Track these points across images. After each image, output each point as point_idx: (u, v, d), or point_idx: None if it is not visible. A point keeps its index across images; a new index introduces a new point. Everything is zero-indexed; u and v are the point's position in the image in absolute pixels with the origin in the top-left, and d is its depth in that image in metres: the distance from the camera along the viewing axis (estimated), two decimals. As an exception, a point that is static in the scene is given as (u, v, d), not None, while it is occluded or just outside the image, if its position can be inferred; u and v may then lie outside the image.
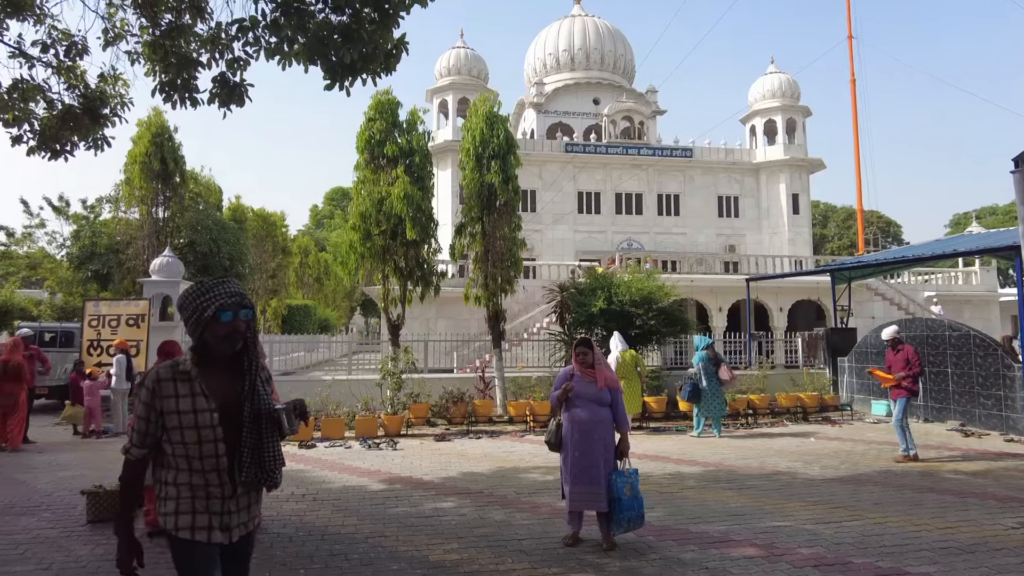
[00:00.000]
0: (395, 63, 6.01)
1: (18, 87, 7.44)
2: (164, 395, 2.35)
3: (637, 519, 4.98)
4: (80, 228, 23.57)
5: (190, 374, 2.39)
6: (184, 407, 2.34)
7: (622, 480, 4.98)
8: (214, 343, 2.39)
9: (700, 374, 10.81)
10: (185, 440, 2.34)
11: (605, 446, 5.10)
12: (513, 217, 13.34)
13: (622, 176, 35.63)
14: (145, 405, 2.36)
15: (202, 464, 2.36)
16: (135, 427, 2.38)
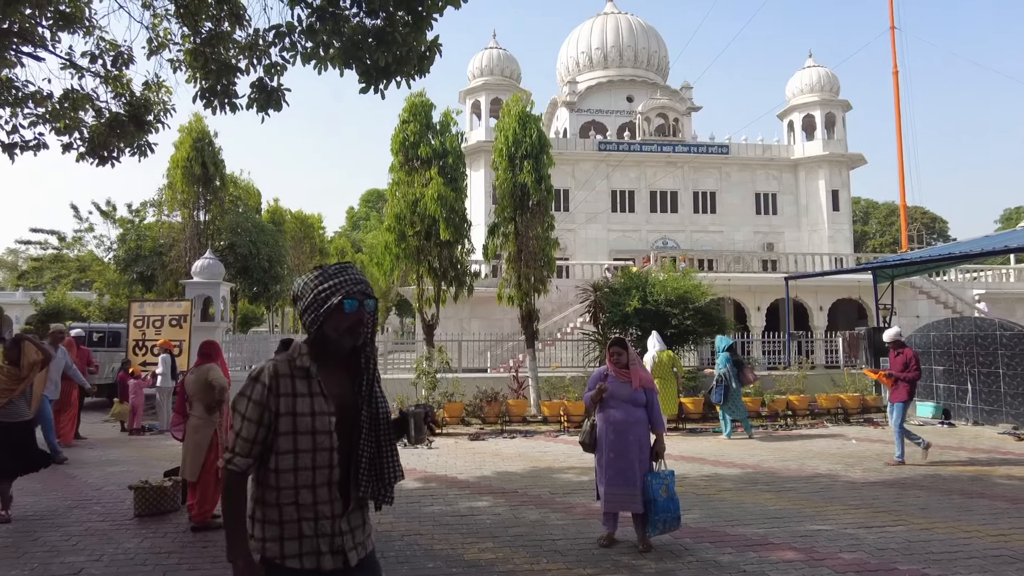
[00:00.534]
0: (428, 65, 6.06)
1: (69, 97, 7.72)
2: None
3: (673, 521, 4.92)
4: (126, 231, 24.33)
5: (309, 371, 2.07)
6: (302, 408, 2.02)
7: (658, 481, 4.93)
8: (335, 337, 2.07)
9: (729, 375, 10.70)
10: (298, 448, 2.01)
11: (640, 447, 5.06)
12: (546, 217, 13.32)
13: (657, 174, 35.25)
14: (256, 404, 2.01)
15: (313, 477, 2.02)
16: (239, 432, 2.02)
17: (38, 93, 7.70)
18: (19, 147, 7.70)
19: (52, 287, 38.25)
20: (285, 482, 2.01)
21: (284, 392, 2.03)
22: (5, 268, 58.87)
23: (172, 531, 5.60)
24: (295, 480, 2.01)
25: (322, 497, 2.04)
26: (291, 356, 2.09)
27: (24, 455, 6.08)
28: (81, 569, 4.68)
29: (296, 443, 2.01)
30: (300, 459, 2.02)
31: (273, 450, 2.02)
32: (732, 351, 11.03)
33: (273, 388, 2.02)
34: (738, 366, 10.83)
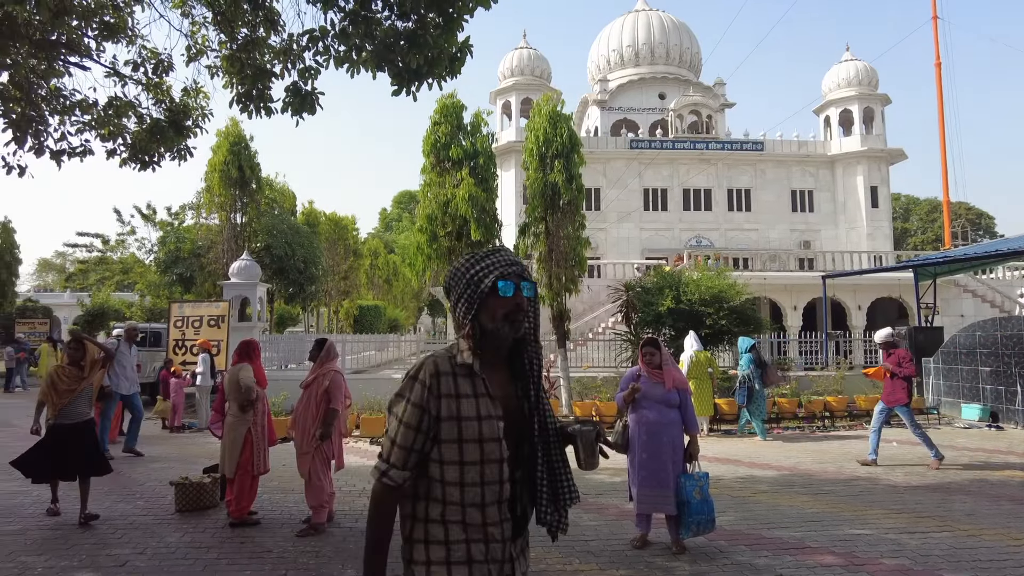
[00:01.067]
0: (460, 66, 6.08)
1: (112, 104, 7.95)
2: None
3: (707, 523, 4.86)
4: (166, 234, 25.00)
5: (472, 368, 1.80)
6: (467, 411, 1.76)
7: (691, 483, 4.87)
8: (493, 325, 1.81)
9: (752, 376, 10.58)
10: (464, 459, 1.74)
11: (673, 448, 5.01)
12: (577, 216, 13.27)
13: (690, 171, 34.85)
14: (415, 408, 1.75)
15: (482, 494, 1.74)
16: (395, 439, 1.76)
17: (84, 101, 7.96)
18: (66, 153, 7.96)
19: (97, 289, 39.54)
20: (451, 496, 1.74)
21: (446, 393, 1.76)
22: (54, 270, 60.99)
23: (211, 526, 5.73)
24: (461, 496, 1.74)
25: (492, 517, 1.76)
26: (450, 352, 1.85)
27: (82, 459, 5.93)
28: (126, 561, 4.82)
29: (462, 453, 1.74)
30: (467, 472, 1.74)
31: (436, 459, 1.76)
32: (755, 352, 10.88)
33: (433, 388, 1.76)
34: (761, 367, 10.70)
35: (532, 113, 13.94)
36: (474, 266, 1.85)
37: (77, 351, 6.10)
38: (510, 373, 1.90)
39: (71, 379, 5.99)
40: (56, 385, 5.94)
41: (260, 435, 5.89)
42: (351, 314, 32.47)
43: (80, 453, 5.93)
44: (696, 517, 4.82)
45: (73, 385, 5.99)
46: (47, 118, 7.88)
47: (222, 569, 4.68)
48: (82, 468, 5.92)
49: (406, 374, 1.84)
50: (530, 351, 1.90)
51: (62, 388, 5.94)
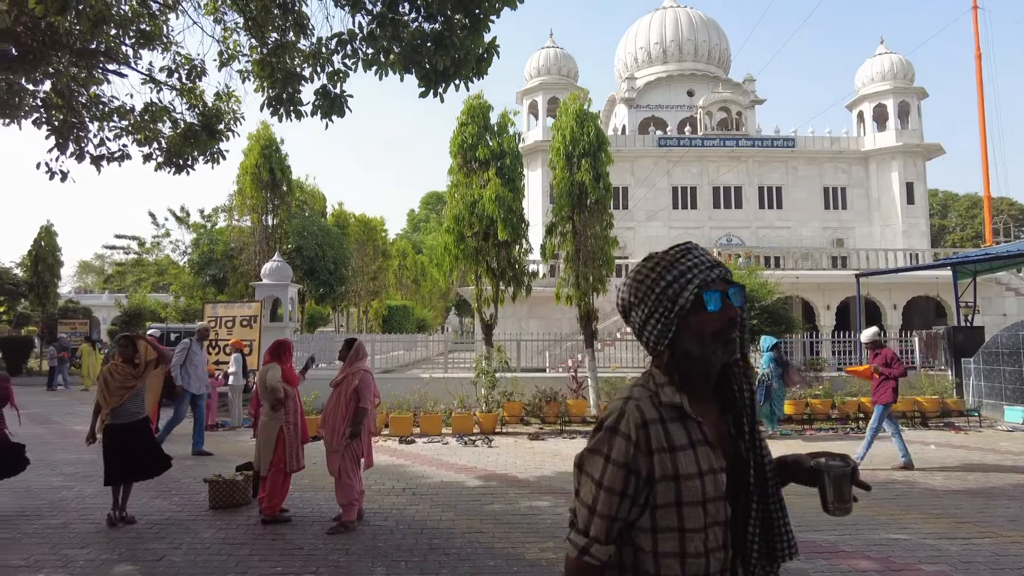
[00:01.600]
0: (486, 67, 6.10)
1: (148, 109, 8.17)
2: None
3: None
4: (199, 236, 25.53)
5: (683, 409, 1.44)
6: (686, 467, 1.40)
7: None
8: (699, 351, 1.46)
9: (772, 375, 10.48)
10: (685, 525, 1.40)
11: None
12: (605, 215, 13.20)
13: (720, 169, 34.42)
14: (619, 468, 1.39)
15: (707, 565, 1.41)
16: (593, 507, 1.41)
17: (122, 107, 8.18)
18: (105, 158, 8.19)
19: (134, 290, 40.56)
20: (670, 571, 1.40)
21: (657, 447, 1.40)
22: (93, 272, 62.72)
23: (244, 523, 5.84)
24: (682, 570, 1.40)
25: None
26: (650, 391, 1.48)
27: (137, 459, 5.85)
28: (163, 556, 4.93)
29: (682, 519, 1.39)
30: (689, 542, 1.40)
31: (647, 528, 1.42)
32: (777, 351, 10.79)
33: (641, 443, 1.40)
34: (783, 366, 10.60)
35: (559, 112, 13.90)
36: (665, 274, 1.48)
37: (128, 348, 5.96)
38: (719, 405, 1.54)
39: (124, 376, 5.85)
40: (108, 383, 5.81)
41: (293, 433, 5.98)
42: (380, 314, 32.79)
43: (137, 453, 5.85)
44: None
45: (127, 383, 5.85)
46: (87, 124, 8.11)
47: (254, 565, 4.76)
48: (141, 468, 5.89)
49: (599, 423, 1.46)
50: (739, 374, 1.52)
51: (114, 386, 5.79)
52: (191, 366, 9.48)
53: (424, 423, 10.90)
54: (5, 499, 6.64)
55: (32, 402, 16.16)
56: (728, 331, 1.45)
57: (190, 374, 9.46)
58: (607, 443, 1.42)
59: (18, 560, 4.86)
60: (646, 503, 1.41)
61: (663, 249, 1.55)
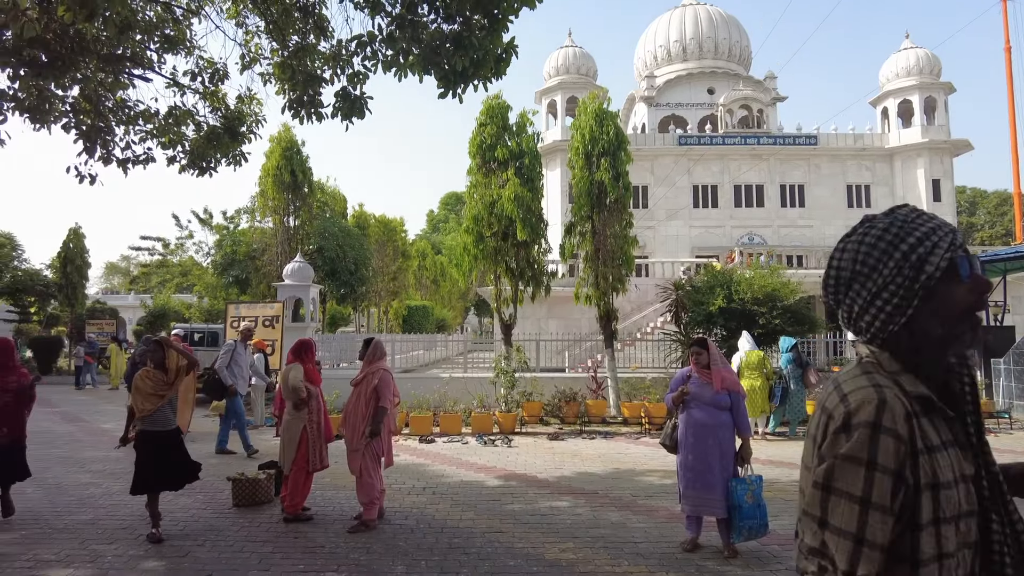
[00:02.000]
0: (505, 67, 6.10)
1: (172, 113, 8.30)
2: (919, 448, 1.13)
3: (759, 528, 4.74)
4: (222, 238, 25.88)
5: (932, 402, 1.18)
6: (945, 473, 1.13)
7: (743, 487, 4.77)
8: (944, 329, 1.19)
9: (788, 376, 10.48)
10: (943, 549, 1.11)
11: (722, 451, 4.91)
12: (624, 214, 13.13)
13: (741, 167, 34.10)
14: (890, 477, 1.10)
15: None
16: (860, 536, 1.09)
17: (147, 111, 8.32)
18: (131, 161, 8.34)
19: (159, 290, 41.22)
20: None
21: (921, 447, 1.13)
22: (119, 273, 63.85)
23: (266, 521, 5.90)
24: None
25: None
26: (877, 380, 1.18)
27: (168, 468, 5.57)
28: (188, 552, 5.01)
29: (940, 541, 1.11)
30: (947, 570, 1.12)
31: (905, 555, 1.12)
32: (796, 351, 10.73)
33: (910, 440, 1.12)
34: (802, 367, 10.56)
35: (578, 111, 13.86)
36: (907, 236, 1.22)
37: (158, 353, 5.69)
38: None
39: (156, 383, 5.58)
40: (140, 389, 5.56)
41: (316, 432, 6.03)
42: (400, 314, 32.97)
43: (167, 462, 5.59)
44: (748, 522, 4.72)
45: (159, 390, 5.57)
46: (114, 128, 8.26)
47: (277, 563, 4.81)
48: (170, 478, 5.63)
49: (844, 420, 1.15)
50: (961, 365, 1.22)
51: (146, 392, 5.53)
52: (236, 366, 9.55)
53: (444, 422, 10.94)
54: (37, 495, 6.78)
55: (62, 400, 16.53)
56: (980, 307, 1.20)
57: (236, 374, 9.52)
58: (869, 444, 1.10)
59: (49, 555, 4.97)
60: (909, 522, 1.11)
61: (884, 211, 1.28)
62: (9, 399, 5.93)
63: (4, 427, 5.91)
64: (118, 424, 11.52)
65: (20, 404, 6.09)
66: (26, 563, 4.80)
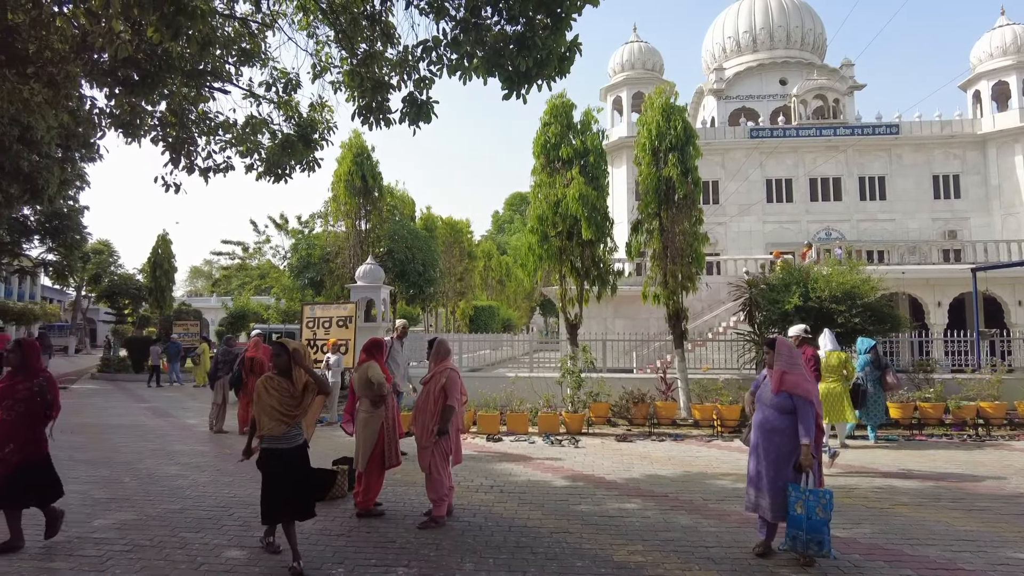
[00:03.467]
0: (569, 66, 6.08)
1: (249, 123, 8.69)
2: None
3: (812, 544, 4.54)
4: (297, 241, 26.87)
5: None
6: None
7: (795, 495, 4.64)
8: None
9: (865, 378, 9.90)
10: None
11: (779, 454, 4.82)
12: (693, 211, 12.83)
13: (816, 160, 32.71)
14: None
15: None
16: None
17: (226, 121, 8.75)
18: (212, 170, 8.79)
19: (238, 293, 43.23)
20: None
21: None
22: (202, 277, 67.38)
23: (340, 515, 6.09)
24: None
25: None
26: None
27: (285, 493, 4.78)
28: (268, 543, 5.23)
29: None
30: None
31: None
32: (875, 353, 10.14)
33: None
34: (880, 369, 10.01)
35: (644, 107, 13.64)
36: None
37: (280, 357, 4.85)
38: None
39: (282, 396, 4.76)
40: (263, 402, 4.77)
41: (391, 429, 6.18)
42: (467, 314, 33.37)
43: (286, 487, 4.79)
44: (795, 531, 4.62)
45: (287, 409, 4.77)
46: (196, 139, 8.73)
47: (350, 556, 4.96)
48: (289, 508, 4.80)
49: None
50: None
51: (271, 407, 4.74)
52: (394, 364, 9.09)
53: (511, 422, 10.99)
54: (132, 484, 7.25)
55: (152, 396, 17.62)
56: None
57: (394, 372, 8.89)
58: None
59: (144, 540, 5.30)
60: None
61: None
62: (20, 409, 5.10)
63: (11, 443, 5.06)
64: (202, 420, 12.18)
65: (35, 416, 5.18)
66: (124, 547, 5.14)
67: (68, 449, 9.50)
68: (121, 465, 8.38)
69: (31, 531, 5.32)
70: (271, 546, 5.10)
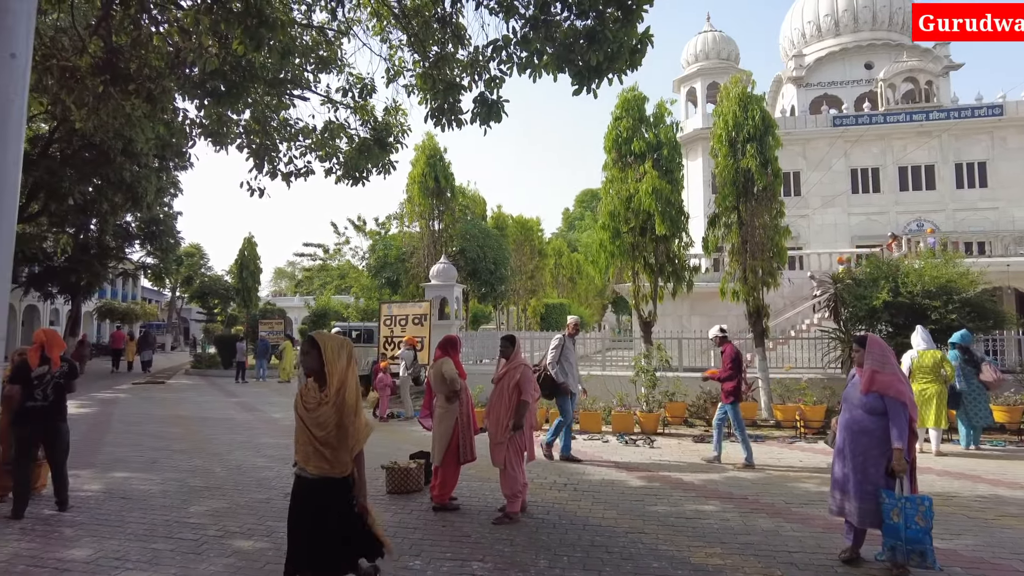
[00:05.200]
0: (640, 58, 5.97)
1: (328, 128, 9.01)
2: None
3: (913, 555, 4.26)
4: (375, 242, 27.70)
5: None
6: None
7: (890, 503, 4.35)
8: None
9: (957, 376, 9.06)
10: None
11: (867, 457, 4.55)
12: (774, 203, 12.35)
13: (906, 147, 30.82)
14: None
15: None
16: None
17: (305, 127, 9.11)
18: (293, 174, 9.17)
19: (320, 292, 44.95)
20: None
21: None
22: (286, 277, 70.43)
23: (417, 509, 6.22)
24: None
25: None
26: None
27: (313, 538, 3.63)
28: (348, 535, 5.40)
29: None
30: None
31: None
32: (965, 349, 9.29)
33: None
34: (974, 365, 9.13)
35: (719, 97, 13.24)
36: None
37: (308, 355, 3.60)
38: None
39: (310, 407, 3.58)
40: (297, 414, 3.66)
41: (466, 424, 6.25)
42: (538, 312, 33.41)
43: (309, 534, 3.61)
44: (892, 541, 4.36)
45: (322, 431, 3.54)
46: (278, 145, 9.13)
47: (426, 549, 5.06)
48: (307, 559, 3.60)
49: None
50: None
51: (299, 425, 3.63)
52: (566, 363, 8.58)
53: (584, 420, 10.91)
54: (223, 474, 7.65)
55: (240, 391, 18.56)
56: None
57: (567, 372, 8.58)
58: None
59: (234, 527, 5.59)
60: None
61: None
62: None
63: None
64: (287, 414, 12.73)
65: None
66: (217, 533, 5.44)
67: (167, 439, 10.16)
68: (213, 456, 8.86)
69: (124, 511, 5.71)
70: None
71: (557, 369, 8.52)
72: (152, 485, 7.13)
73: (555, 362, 8.55)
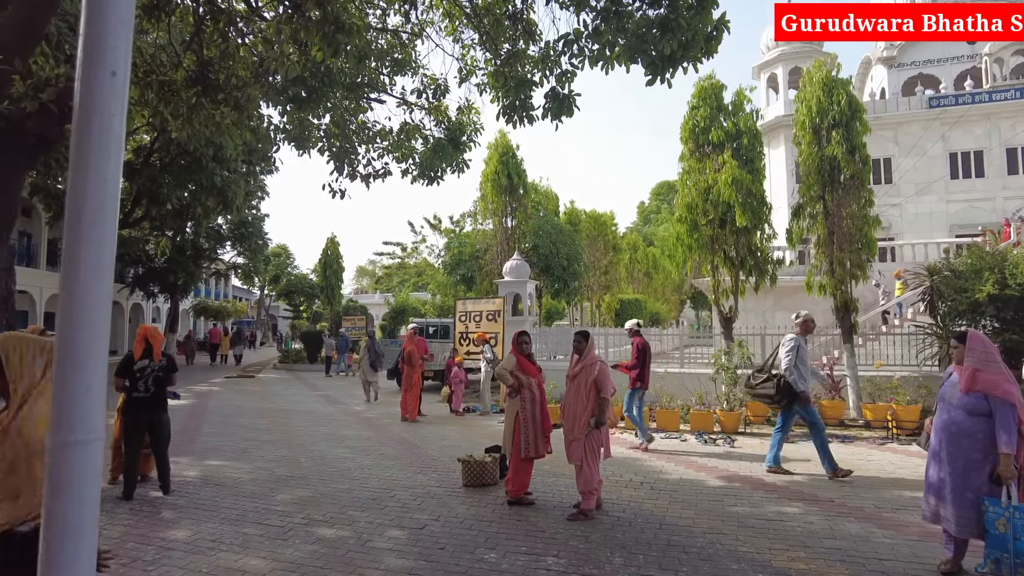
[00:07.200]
0: (716, 45, 5.80)
1: (403, 129, 9.23)
2: None
3: (1021, 568, 3.93)
4: (450, 240, 28.17)
5: None
6: None
7: (996, 512, 4.02)
8: None
9: None
10: None
11: (967, 461, 4.23)
12: (862, 192, 11.70)
13: (1015, 126, 28.45)
14: None
15: None
16: None
17: (383, 130, 9.37)
18: (372, 176, 9.45)
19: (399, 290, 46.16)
20: None
21: None
22: (367, 275, 72.70)
23: (492, 502, 6.29)
24: None
25: None
26: None
27: None
28: (425, 525, 5.53)
29: None
30: None
31: None
32: None
33: None
34: None
35: (802, 83, 12.65)
36: None
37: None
38: None
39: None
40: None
41: (529, 419, 6.24)
42: (612, 308, 33.05)
43: None
44: (996, 552, 4.04)
45: None
46: (357, 148, 9.43)
47: (501, 543, 5.11)
48: None
49: None
50: None
51: None
52: (802, 365, 7.50)
53: (661, 418, 10.73)
54: (308, 464, 8.00)
55: (324, 385, 19.33)
56: None
57: (804, 376, 7.49)
58: None
59: (318, 515, 5.83)
60: None
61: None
62: None
63: None
64: (367, 408, 13.15)
65: None
66: (301, 520, 5.69)
67: (256, 430, 10.71)
68: (298, 446, 9.27)
69: (218, 496, 6.06)
70: None
71: (796, 375, 7.38)
72: (243, 473, 7.54)
73: (792, 366, 7.41)
